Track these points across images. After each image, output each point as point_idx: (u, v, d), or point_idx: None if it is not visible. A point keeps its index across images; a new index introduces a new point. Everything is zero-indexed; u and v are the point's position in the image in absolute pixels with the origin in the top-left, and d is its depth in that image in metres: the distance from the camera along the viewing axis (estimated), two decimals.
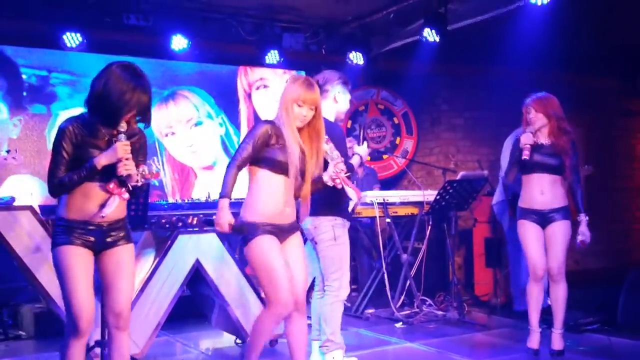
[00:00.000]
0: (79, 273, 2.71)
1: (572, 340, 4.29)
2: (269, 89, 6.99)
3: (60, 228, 2.74)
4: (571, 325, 4.61)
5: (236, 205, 3.08)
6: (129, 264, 2.87)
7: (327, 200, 3.55)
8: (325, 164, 3.21)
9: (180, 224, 4.22)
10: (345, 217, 3.69)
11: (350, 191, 3.22)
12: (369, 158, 3.34)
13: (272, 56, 6.45)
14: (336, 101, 3.78)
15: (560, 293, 4.01)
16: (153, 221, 4.10)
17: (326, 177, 3.16)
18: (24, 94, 5.86)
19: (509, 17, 5.66)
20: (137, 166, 2.74)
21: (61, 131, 2.72)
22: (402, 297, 5.45)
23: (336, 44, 6.93)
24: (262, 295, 4.36)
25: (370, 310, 5.42)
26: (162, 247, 4.16)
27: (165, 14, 5.98)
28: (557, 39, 6.29)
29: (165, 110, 6.45)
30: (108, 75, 2.73)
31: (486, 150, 7.23)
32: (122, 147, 2.69)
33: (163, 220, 4.14)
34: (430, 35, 5.81)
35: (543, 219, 4.01)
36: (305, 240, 3.51)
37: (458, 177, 5.33)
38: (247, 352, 3.17)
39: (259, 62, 6.60)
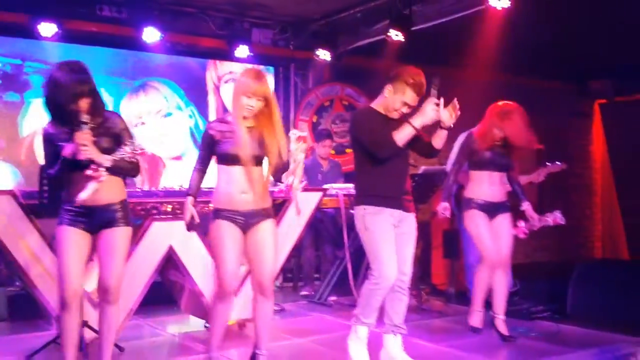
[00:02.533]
0: (68, 251, 3.03)
1: (524, 328, 4.59)
2: None
3: (62, 211, 3.10)
4: (523, 313, 4.93)
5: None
6: (120, 245, 3.13)
7: (358, 189, 3.64)
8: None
9: (154, 211, 4.35)
10: (382, 205, 3.51)
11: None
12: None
13: (241, 51, 6.61)
14: (384, 96, 3.56)
15: (506, 281, 4.33)
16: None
17: (290, 181, 3.39)
18: None
19: (470, 21, 5.94)
20: (120, 147, 3.04)
21: (42, 135, 3.12)
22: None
23: (304, 41, 7.12)
24: None
25: (334, 298, 5.62)
26: (136, 234, 4.29)
27: (138, 6, 6.09)
28: (515, 43, 6.61)
29: (136, 100, 6.55)
30: (49, 80, 3.03)
31: (446, 147, 7.51)
32: (80, 136, 2.94)
33: (138, 207, 4.26)
34: (394, 35, 6.05)
35: (491, 210, 4.28)
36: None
37: (419, 172, 5.59)
38: (210, 337, 3.41)
39: (228, 56, 6.74)
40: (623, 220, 9.33)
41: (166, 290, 4.87)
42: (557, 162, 5.37)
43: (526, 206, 4.39)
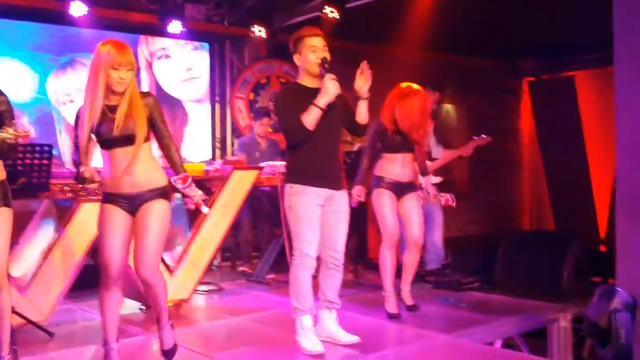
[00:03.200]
0: None
1: (454, 298, 4.77)
2: (171, 59, 6.97)
3: None
4: (453, 284, 5.11)
5: None
6: (3, 226, 2.98)
7: (287, 167, 3.63)
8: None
9: (83, 193, 4.22)
10: (308, 184, 3.48)
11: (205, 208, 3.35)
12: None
13: (174, 26, 6.44)
14: (299, 67, 3.55)
15: (417, 258, 4.46)
16: (55, 189, 4.07)
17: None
18: None
19: None
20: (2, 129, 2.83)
21: None
22: None
23: (239, 17, 6.99)
24: (167, 262, 4.52)
25: (272, 276, 5.65)
26: (64, 216, 4.18)
27: None
28: (446, 21, 6.73)
29: (63, 77, 6.30)
30: None
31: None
32: None
33: (66, 188, 4.13)
34: (329, 12, 6.04)
35: (400, 189, 4.33)
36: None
37: (354, 149, 5.64)
38: (102, 329, 3.25)
39: (160, 31, 6.55)
40: (549, 194, 9.71)
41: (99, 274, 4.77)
42: (482, 135, 5.50)
43: (424, 180, 4.50)
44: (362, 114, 3.56)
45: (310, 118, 3.38)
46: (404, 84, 4.35)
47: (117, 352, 3.25)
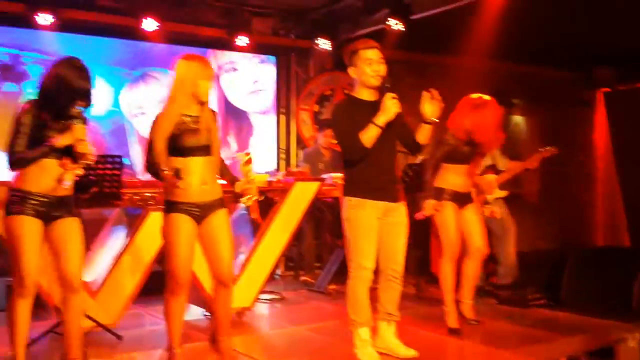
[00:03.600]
0: (29, 240, 3.01)
1: (520, 314, 4.64)
2: (238, 72, 7.14)
3: (15, 198, 3.04)
4: (519, 301, 4.97)
5: None
6: (75, 233, 3.14)
7: (344, 180, 3.62)
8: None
9: (152, 201, 4.37)
10: (365, 197, 3.49)
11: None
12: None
13: (242, 40, 6.61)
14: (355, 79, 3.55)
15: (478, 269, 4.39)
16: (126, 198, 4.24)
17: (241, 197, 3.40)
18: None
19: (469, 9, 5.92)
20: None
21: (23, 110, 3.03)
22: None
23: (304, 30, 7.11)
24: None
25: (333, 286, 5.66)
26: (134, 224, 4.34)
27: None
28: (516, 31, 6.60)
29: (136, 90, 6.57)
30: (52, 74, 3.09)
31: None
32: (80, 129, 2.99)
33: (136, 198, 4.29)
34: (394, 24, 6.04)
35: (461, 200, 4.28)
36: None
37: (418, 161, 5.59)
38: (168, 337, 3.37)
39: (228, 45, 6.74)
40: (625, 209, 9.31)
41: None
42: (548, 147, 5.34)
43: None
44: (424, 136, 3.55)
45: (369, 136, 3.38)
46: (474, 95, 4.30)
47: (180, 357, 3.36)
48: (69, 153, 3.02)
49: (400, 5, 6.02)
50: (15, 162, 3.02)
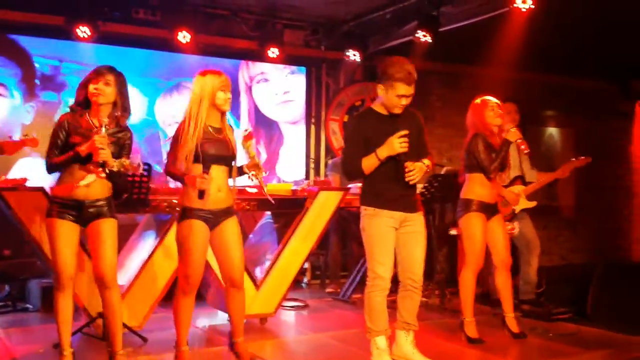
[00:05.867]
0: (62, 240, 3.29)
1: (543, 328, 4.59)
2: (269, 82, 7.27)
3: (52, 203, 3.38)
4: (544, 314, 4.92)
5: None
6: (109, 234, 3.37)
7: (361, 189, 3.68)
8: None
9: (179, 207, 4.48)
10: (380, 207, 3.54)
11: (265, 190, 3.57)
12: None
13: (273, 51, 6.74)
14: (381, 96, 3.56)
15: (509, 280, 4.36)
16: (154, 205, 4.37)
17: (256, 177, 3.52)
18: (37, 82, 6.16)
19: (499, 20, 5.92)
20: (120, 158, 3.29)
21: (59, 121, 3.38)
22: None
23: (335, 42, 7.20)
24: (254, 276, 4.70)
25: (358, 296, 5.69)
26: (162, 229, 4.47)
27: (171, 9, 6.28)
28: (547, 42, 6.56)
29: (170, 100, 6.75)
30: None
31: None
32: (99, 139, 3.20)
33: (164, 204, 4.42)
34: (423, 36, 6.09)
35: (489, 211, 4.27)
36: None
37: (443, 172, 5.60)
38: (176, 336, 3.56)
39: (260, 57, 6.88)
40: None
41: None
42: (581, 157, 5.27)
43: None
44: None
45: (368, 165, 3.49)
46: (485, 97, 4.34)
47: (187, 355, 3.56)
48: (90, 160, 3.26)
49: (429, 17, 6.06)
50: (48, 168, 3.38)
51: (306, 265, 6.64)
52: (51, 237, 3.34)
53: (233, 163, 3.51)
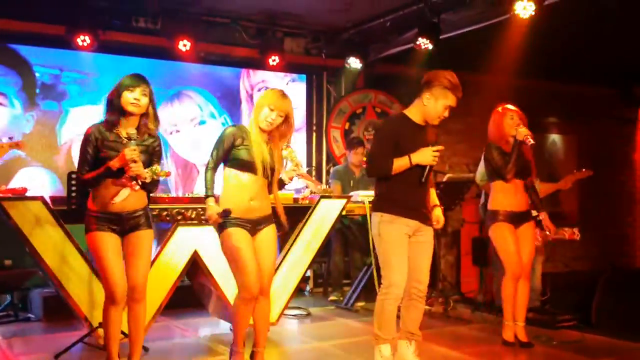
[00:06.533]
0: (108, 254, 3.25)
1: (547, 336, 4.55)
2: None
3: (90, 217, 3.29)
4: (548, 322, 4.89)
5: None
6: (145, 246, 3.35)
7: (377, 195, 3.68)
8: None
9: (180, 217, 4.48)
10: (398, 214, 3.54)
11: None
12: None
13: (274, 60, 6.74)
14: (423, 104, 3.56)
15: (527, 289, 4.32)
16: (154, 214, 4.34)
17: (283, 176, 3.53)
18: (37, 91, 6.15)
19: (500, 27, 5.90)
20: (151, 165, 3.26)
21: (86, 135, 3.26)
22: None
23: (336, 49, 7.20)
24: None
25: (361, 304, 5.67)
26: (162, 238, 4.45)
27: (172, 17, 6.29)
28: (548, 49, 6.54)
29: (171, 109, 6.74)
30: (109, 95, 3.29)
31: (480, 155, 7.48)
32: (130, 152, 3.16)
33: (164, 213, 4.40)
34: (423, 43, 6.08)
35: (517, 220, 4.25)
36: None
37: (444, 179, 5.58)
38: (233, 338, 3.52)
39: (261, 65, 6.87)
40: None
41: (195, 294, 5.01)
42: (584, 169, 5.26)
43: (543, 216, 4.37)
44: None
45: (398, 166, 3.50)
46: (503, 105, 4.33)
47: (242, 356, 3.53)
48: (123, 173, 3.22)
49: (430, 24, 6.05)
50: (81, 185, 3.42)
51: (308, 273, 6.61)
52: (97, 251, 3.26)
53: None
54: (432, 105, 3.51)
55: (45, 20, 5.89)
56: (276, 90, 3.49)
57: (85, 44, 5.82)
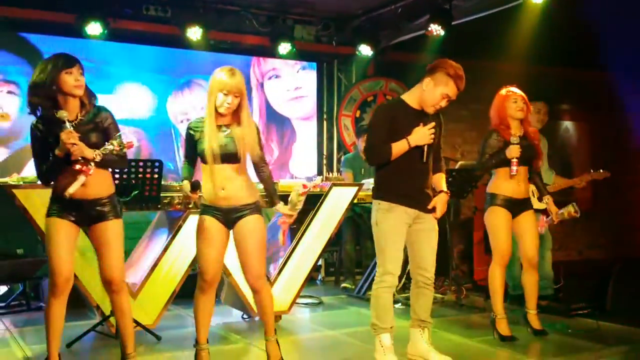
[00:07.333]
0: (59, 241, 3.10)
1: (562, 324, 4.52)
2: (281, 78, 7.23)
3: (51, 203, 3.16)
4: (563, 310, 4.85)
5: None
6: (113, 237, 3.19)
7: (376, 183, 3.63)
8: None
9: (191, 205, 4.45)
10: (396, 202, 3.48)
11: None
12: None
13: (284, 47, 6.70)
14: (422, 89, 3.49)
15: (535, 277, 4.26)
16: (166, 202, 4.34)
17: (284, 210, 3.50)
18: None
19: (513, 13, 5.84)
20: (108, 142, 3.05)
21: (31, 132, 3.12)
22: (403, 280, 5.67)
23: (346, 37, 7.15)
24: (268, 273, 4.66)
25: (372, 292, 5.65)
26: (174, 226, 4.44)
27: (182, 5, 6.27)
28: (560, 35, 6.46)
29: (181, 97, 6.72)
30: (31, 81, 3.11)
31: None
32: (66, 136, 2.97)
33: (175, 201, 4.38)
34: (435, 29, 6.01)
35: (515, 207, 4.16)
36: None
37: (456, 167, 5.53)
38: (196, 330, 3.49)
39: (271, 53, 6.84)
40: None
41: None
42: (601, 170, 5.17)
43: (548, 199, 4.30)
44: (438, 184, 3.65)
45: (397, 150, 3.44)
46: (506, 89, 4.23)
47: (207, 352, 3.47)
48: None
49: (441, 10, 5.98)
50: (41, 180, 3.19)
51: (320, 262, 6.60)
52: (47, 237, 3.13)
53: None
54: (430, 90, 3.44)
55: (55, 8, 5.89)
56: (225, 71, 3.26)
57: (95, 32, 5.81)
